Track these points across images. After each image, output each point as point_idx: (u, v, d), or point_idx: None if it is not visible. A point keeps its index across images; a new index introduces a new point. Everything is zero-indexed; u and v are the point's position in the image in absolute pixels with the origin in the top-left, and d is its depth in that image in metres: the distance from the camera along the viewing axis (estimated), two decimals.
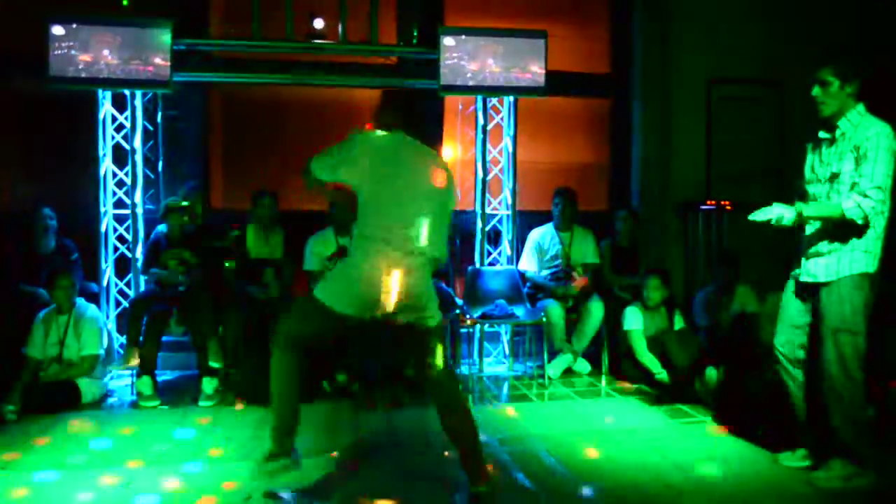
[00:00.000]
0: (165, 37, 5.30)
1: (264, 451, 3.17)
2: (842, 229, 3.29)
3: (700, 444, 3.95)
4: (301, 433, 3.19)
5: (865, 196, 3.19)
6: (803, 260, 3.47)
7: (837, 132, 3.36)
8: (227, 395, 4.80)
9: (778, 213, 3.26)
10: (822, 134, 3.45)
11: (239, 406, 4.63)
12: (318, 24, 5.74)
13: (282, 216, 5.52)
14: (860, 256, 3.30)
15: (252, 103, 6.47)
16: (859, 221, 3.20)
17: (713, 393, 4.64)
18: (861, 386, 3.32)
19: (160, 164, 5.86)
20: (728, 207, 6.16)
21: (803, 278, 3.47)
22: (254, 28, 5.55)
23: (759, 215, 3.30)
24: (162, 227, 5.28)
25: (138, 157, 5.57)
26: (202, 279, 5.02)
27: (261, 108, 6.44)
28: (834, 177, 3.34)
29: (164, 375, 5.30)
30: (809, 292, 3.47)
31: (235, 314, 4.97)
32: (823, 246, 3.37)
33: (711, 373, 4.70)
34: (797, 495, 3.31)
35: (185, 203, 5.14)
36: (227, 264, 5.19)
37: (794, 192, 3.59)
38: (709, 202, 6.24)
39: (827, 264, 3.35)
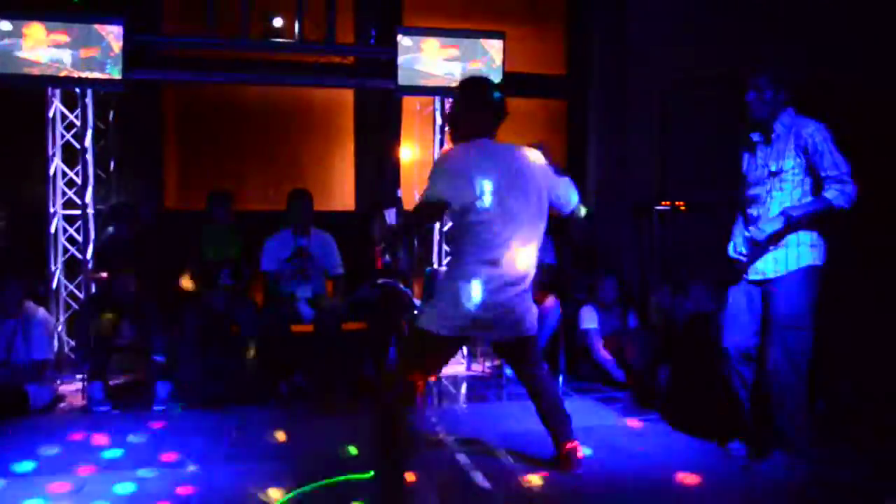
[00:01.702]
0: (117, 34, 5.19)
1: None
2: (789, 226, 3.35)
3: (654, 443, 4.01)
4: (256, 435, 3.14)
5: (843, 182, 3.27)
6: None
7: (773, 134, 3.47)
8: (181, 399, 4.72)
9: (771, 225, 3.35)
10: (755, 137, 3.56)
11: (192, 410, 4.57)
12: (275, 22, 5.68)
13: (238, 217, 5.44)
14: (807, 251, 3.37)
15: (207, 102, 6.38)
16: (847, 207, 3.27)
17: (664, 391, 4.70)
18: (805, 381, 3.39)
19: (112, 163, 5.75)
20: (683, 208, 6.26)
21: (752, 277, 3.53)
22: (208, 26, 5.47)
23: (757, 234, 3.40)
24: (110, 230, 5.18)
25: (89, 157, 5.46)
26: (153, 283, 4.94)
27: (216, 108, 6.36)
28: (774, 175, 3.43)
29: (116, 380, 5.19)
30: (758, 290, 3.53)
31: (189, 317, 4.89)
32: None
33: (667, 372, 4.76)
34: (744, 488, 3.39)
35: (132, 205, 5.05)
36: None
37: (737, 200, 3.68)
38: (664, 203, 6.33)
39: (775, 259, 3.42)
